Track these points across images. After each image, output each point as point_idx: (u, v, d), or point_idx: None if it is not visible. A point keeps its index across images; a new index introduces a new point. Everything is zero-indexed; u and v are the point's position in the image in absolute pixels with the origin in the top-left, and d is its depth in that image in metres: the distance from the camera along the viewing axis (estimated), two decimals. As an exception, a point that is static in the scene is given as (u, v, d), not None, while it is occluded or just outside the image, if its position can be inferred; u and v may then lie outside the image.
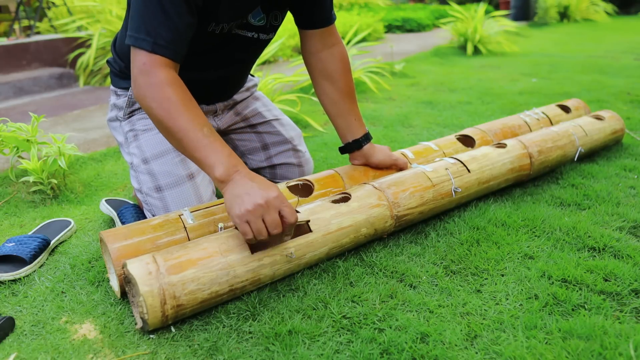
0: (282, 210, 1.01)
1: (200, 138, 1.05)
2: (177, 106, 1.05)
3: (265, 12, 1.26)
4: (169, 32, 1.06)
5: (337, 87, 1.40)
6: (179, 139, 1.06)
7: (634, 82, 3.20)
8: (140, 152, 1.35)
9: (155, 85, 1.06)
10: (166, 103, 1.05)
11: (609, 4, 8.44)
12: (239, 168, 1.05)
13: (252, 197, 1.00)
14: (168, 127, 1.06)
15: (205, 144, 1.05)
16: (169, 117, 1.05)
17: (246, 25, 1.26)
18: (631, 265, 1.16)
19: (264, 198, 0.99)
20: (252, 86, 1.60)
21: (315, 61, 1.40)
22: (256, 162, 1.62)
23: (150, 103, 1.07)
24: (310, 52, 1.40)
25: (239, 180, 1.03)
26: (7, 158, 2.04)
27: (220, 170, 1.04)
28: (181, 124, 1.05)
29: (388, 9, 8.12)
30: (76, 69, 3.80)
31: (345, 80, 1.40)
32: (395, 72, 3.76)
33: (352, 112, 1.41)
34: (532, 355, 0.90)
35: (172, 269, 0.98)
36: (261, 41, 1.34)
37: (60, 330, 1.02)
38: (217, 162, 1.04)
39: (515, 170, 1.52)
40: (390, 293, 1.10)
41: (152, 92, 1.06)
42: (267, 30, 1.32)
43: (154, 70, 1.07)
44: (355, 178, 1.42)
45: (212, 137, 1.06)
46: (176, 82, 1.08)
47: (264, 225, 1.00)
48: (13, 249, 1.24)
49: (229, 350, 0.95)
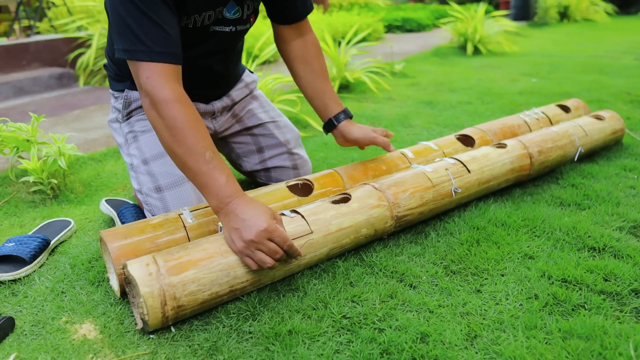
0: (274, 240, 1.02)
1: (201, 164, 1.05)
2: (181, 128, 1.05)
3: (239, 4, 1.26)
4: (160, 36, 1.05)
5: (312, 69, 1.43)
6: (181, 162, 1.07)
7: (634, 82, 3.20)
8: (139, 153, 1.35)
9: (162, 103, 1.05)
10: (171, 123, 1.05)
11: (609, 4, 8.44)
12: (231, 199, 1.04)
13: (244, 233, 1.01)
14: (172, 149, 1.07)
15: (204, 171, 1.05)
16: (172, 140, 1.06)
17: (223, 21, 1.26)
18: (631, 265, 1.16)
19: (255, 232, 1.00)
20: (251, 82, 1.59)
21: (290, 49, 1.43)
22: (251, 165, 1.62)
23: (156, 122, 1.07)
24: (285, 40, 1.43)
25: (229, 213, 1.04)
26: (7, 158, 2.04)
27: (213, 203, 1.06)
28: (184, 147, 1.05)
29: (388, 9, 8.12)
30: (76, 69, 3.80)
31: (318, 62, 1.44)
32: (395, 72, 3.76)
33: (326, 92, 1.44)
34: (532, 355, 0.90)
35: (173, 270, 0.98)
36: (240, 32, 1.34)
37: (60, 330, 1.02)
38: (212, 193, 1.05)
39: (516, 170, 1.52)
40: (390, 293, 1.09)
41: (159, 110, 1.06)
42: (244, 21, 1.33)
43: (159, 84, 1.06)
44: (355, 178, 1.42)
45: (213, 163, 1.06)
46: (182, 98, 1.08)
47: (264, 255, 1.01)
48: (13, 249, 1.24)
49: (229, 350, 0.95)
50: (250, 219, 1.01)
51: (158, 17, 1.05)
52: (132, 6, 1.04)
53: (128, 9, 1.04)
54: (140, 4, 1.03)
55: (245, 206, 1.04)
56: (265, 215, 1.03)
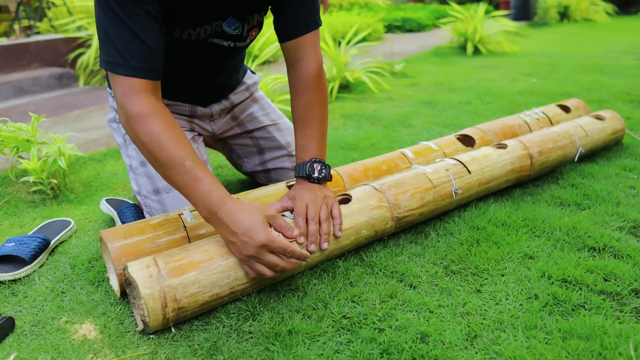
0: (274, 251, 0.99)
1: (182, 175, 1.01)
2: (157, 141, 1.01)
3: (239, 20, 1.21)
4: (140, 50, 1.01)
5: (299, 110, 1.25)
6: (164, 175, 1.04)
7: (634, 82, 3.20)
8: (137, 154, 1.35)
9: (136, 118, 1.02)
10: (146, 138, 1.02)
11: (609, 4, 8.44)
12: (218, 208, 1.00)
13: (242, 249, 0.99)
14: (153, 163, 1.05)
15: (186, 182, 1.02)
16: (150, 154, 1.03)
17: (222, 34, 1.22)
18: (631, 265, 1.16)
19: (253, 249, 0.97)
20: (252, 85, 1.56)
21: (288, 73, 1.27)
22: (251, 166, 1.62)
23: (133, 137, 1.04)
24: (286, 62, 1.27)
25: (221, 224, 1.01)
26: (7, 158, 2.04)
27: (203, 213, 1.03)
28: (162, 160, 1.02)
29: (388, 9, 8.12)
30: (76, 69, 3.80)
31: (295, 104, 1.25)
32: (395, 72, 3.76)
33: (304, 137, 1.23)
34: (532, 355, 0.90)
35: (173, 272, 0.97)
36: (238, 48, 1.30)
37: (60, 330, 1.02)
38: (198, 203, 1.02)
39: (516, 171, 1.52)
40: (390, 293, 1.09)
41: (133, 125, 1.02)
42: (244, 38, 1.28)
43: (133, 99, 1.02)
44: (355, 178, 1.42)
45: (194, 172, 1.01)
46: (156, 110, 1.04)
47: (264, 267, 1.00)
48: (13, 249, 1.24)
49: (229, 350, 0.95)
50: (244, 231, 0.98)
51: (138, 27, 1.00)
52: (113, 15, 0.99)
53: (109, 17, 1.00)
54: (121, 13, 0.99)
55: (236, 215, 0.99)
56: (260, 226, 0.98)
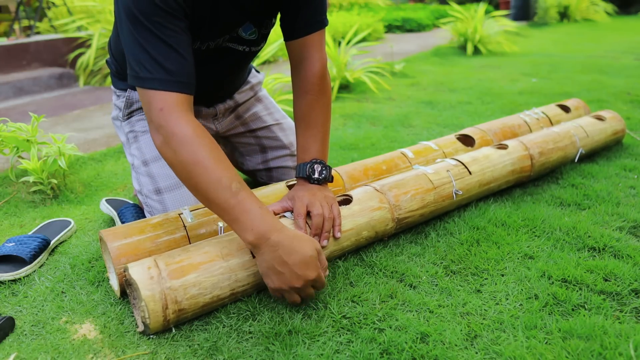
0: (315, 286, 1.01)
1: (229, 198, 0.97)
2: (204, 165, 0.97)
3: (256, 25, 1.22)
4: (176, 62, 0.97)
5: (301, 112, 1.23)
6: (205, 198, 0.99)
7: (634, 82, 3.20)
8: (140, 153, 1.35)
9: (181, 139, 0.96)
10: (192, 161, 0.96)
11: (609, 4, 8.44)
12: (271, 234, 0.96)
13: (291, 280, 0.96)
14: (193, 186, 0.99)
15: (233, 205, 0.97)
16: (193, 177, 0.98)
17: (237, 39, 1.22)
18: (631, 265, 1.16)
19: (302, 282, 0.97)
20: (256, 84, 1.57)
21: (292, 76, 1.26)
22: (253, 164, 1.62)
23: (171, 158, 0.99)
24: (290, 63, 1.25)
25: (270, 251, 0.96)
26: (7, 158, 2.04)
27: (249, 238, 0.97)
28: (207, 183, 0.97)
29: (388, 9, 8.12)
30: (76, 69, 3.80)
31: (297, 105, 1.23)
32: (395, 72, 3.76)
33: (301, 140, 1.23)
34: (532, 355, 0.90)
35: (174, 274, 0.97)
36: (253, 52, 1.30)
37: (60, 330, 1.02)
38: (246, 228, 0.97)
39: (517, 171, 1.52)
40: (390, 293, 1.09)
41: (175, 147, 0.97)
42: (259, 42, 1.28)
43: (174, 118, 0.97)
44: (355, 178, 1.42)
45: (242, 195, 0.98)
46: (201, 132, 0.99)
47: (298, 296, 1.01)
48: (13, 249, 1.24)
49: (229, 350, 0.95)
50: (297, 264, 0.95)
51: (175, 42, 0.97)
52: (146, 31, 0.95)
53: (142, 34, 0.95)
54: (155, 29, 0.95)
55: (290, 244, 0.96)
56: (314, 262, 0.97)
